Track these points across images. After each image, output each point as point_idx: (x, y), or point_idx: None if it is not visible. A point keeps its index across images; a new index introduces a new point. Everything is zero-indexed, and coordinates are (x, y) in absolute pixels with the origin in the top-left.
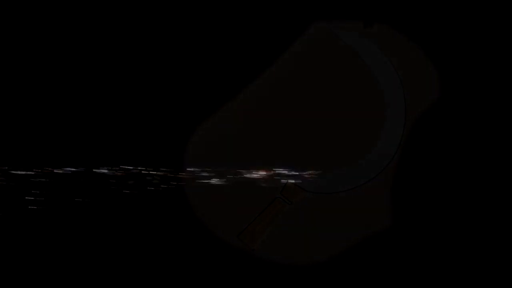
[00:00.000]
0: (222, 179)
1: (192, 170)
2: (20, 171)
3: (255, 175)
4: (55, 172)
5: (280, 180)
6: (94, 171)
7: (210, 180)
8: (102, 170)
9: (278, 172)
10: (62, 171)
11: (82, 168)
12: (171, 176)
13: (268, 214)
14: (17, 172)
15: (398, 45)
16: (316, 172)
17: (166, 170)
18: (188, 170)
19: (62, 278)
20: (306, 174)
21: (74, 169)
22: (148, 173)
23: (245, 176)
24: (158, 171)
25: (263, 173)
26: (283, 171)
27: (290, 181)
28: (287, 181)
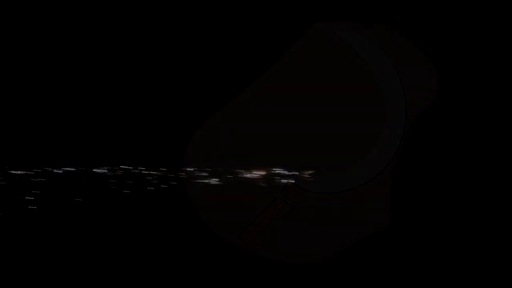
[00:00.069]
0: (221, 179)
1: (191, 170)
2: (19, 171)
3: (254, 175)
4: (55, 172)
5: (279, 180)
6: (94, 171)
7: (209, 180)
8: (101, 170)
9: (277, 172)
10: (62, 171)
11: (82, 168)
12: (170, 176)
13: (268, 214)
14: (16, 172)
15: (398, 45)
16: (315, 172)
17: (165, 170)
18: (187, 170)
19: (62, 278)
20: (305, 174)
21: (73, 169)
22: (148, 173)
23: (244, 176)
24: (158, 171)
25: (262, 173)
26: (281, 171)
27: (291, 181)
28: (287, 181)
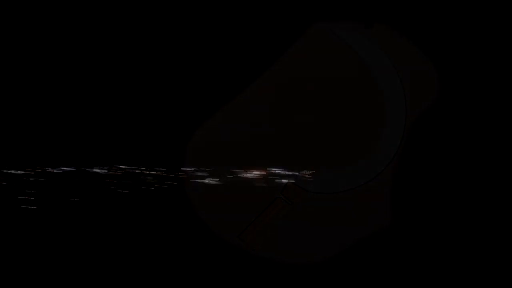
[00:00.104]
0: (221, 179)
1: (191, 170)
2: (19, 171)
3: (254, 175)
4: (49, 171)
5: (279, 180)
6: (93, 171)
7: (209, 180)
8: (96, 170)
9: (276, 172)
10: (56, 170)
11: (81, 168)
12: (169, 176)
13: (268, 214)
14: (16, 172)
15: (398, 45)
16: (315, 172)
17: (165, 170)
18: (186, 170)
19: (61, 278)
20: (304, 174)
21: (68, 168)
22: (147, 173)
23: (243, 176)
24: (157, 171)
25: (262, 173)
26: (281, 171)
27: (291, 181)
28: (288, 181)
